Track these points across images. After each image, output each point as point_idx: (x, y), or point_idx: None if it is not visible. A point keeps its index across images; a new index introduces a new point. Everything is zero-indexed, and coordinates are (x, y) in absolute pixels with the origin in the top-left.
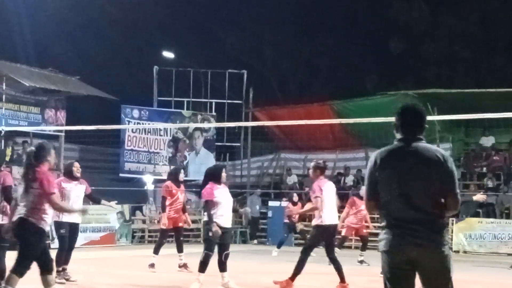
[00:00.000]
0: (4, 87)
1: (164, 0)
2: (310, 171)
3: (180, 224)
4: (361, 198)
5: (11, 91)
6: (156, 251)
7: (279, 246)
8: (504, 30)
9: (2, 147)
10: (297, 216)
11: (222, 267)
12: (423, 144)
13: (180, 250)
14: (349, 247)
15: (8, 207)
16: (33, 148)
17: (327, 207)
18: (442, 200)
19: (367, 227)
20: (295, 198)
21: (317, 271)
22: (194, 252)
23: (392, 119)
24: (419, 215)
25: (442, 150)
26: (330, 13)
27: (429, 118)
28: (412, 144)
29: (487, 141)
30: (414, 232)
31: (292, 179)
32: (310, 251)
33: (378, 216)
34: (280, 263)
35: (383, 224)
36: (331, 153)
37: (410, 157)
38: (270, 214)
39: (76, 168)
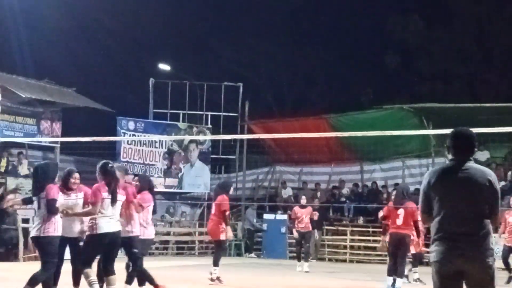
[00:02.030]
0: (0, 98)
1: (160, 12)
2: None
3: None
4: None
5: (7, 102)
6: (217, 264)
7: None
8: (498, 45)
9: None
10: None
11: None
12: (474, 165)
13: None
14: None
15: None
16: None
17: None
18: (488, 216)
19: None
20: (303, 200)
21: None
22: (189, 264)
23: (387, 132)
24: (469, 229)
25: (490, 171)
26: (326, 27)
27: (424, 132)
28: (464, 164)
29: (482, 155)
30: (464, 245)
31: (287, 192)
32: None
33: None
34: (273, 276)
35: (435, 236)
36: (326, 166)
37: (462, 177)
38: (265, 227)
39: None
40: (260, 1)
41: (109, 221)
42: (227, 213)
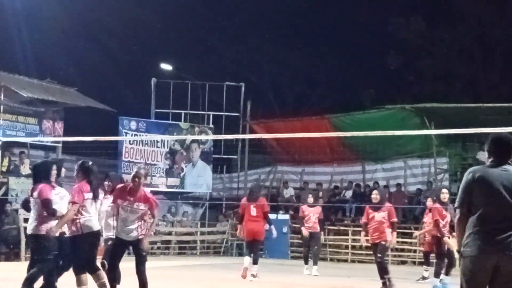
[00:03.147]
0: (2, 97)
1: (162, 12)
2: None
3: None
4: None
5: (8, 102)
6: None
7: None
8: (500, 45)
9: None
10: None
11: None
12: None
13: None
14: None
15: None
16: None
17: None
18: None
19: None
20: (310, 199)
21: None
22: (191, 264)
23: (389, 132)
24: (508, 225)
25: None
26: (328, 27)
27: (426, 132)
28: (504, 167)
29: (484, 155)
30: (503, 240)
31: (289, 192)
32: None
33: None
34: (276, 276)
35: (473, 230)
36: (328, 166)
37: (502, 176)
38: (266, 227)
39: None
40: (262, 1)
41: (92, 219)
42: (393, 220)
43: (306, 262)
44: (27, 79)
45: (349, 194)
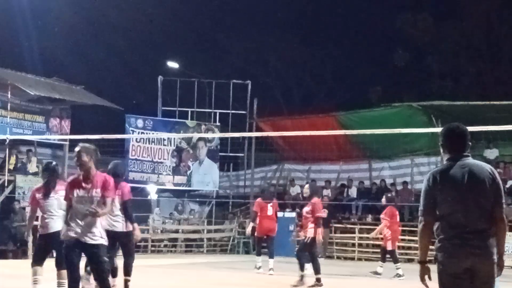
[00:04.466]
0: (9, 95)
1: (169, 10)
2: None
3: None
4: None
5: (16, 100)
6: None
7: None
8: (508, 42)
9: (7, 156)
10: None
11: None
12: (472, 161)
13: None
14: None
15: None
16: None
17: None
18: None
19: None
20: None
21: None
22: (198, 262)
23: (396, 130)
24: (476, 226)
25: (488, 165)
26: (335, 25)
27: (432, 130)
28: (463, 161)
29: (491, 153)
30: (472, 243)
31: (295, 190)
32: None
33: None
34: (283, 275)
35: (442, 236)
36: (334, 164)
37: (465, 174)
38: None
39: None
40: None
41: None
42: (318, 215)
43: None
44: (34, 77)
45: (353, 192)
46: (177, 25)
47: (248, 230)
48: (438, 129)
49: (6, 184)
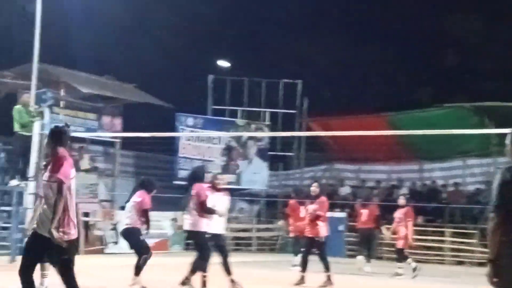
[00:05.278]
0: (62, 93)
1: (220, 9)
2: None
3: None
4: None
5: (68, 98)
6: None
7: None
8: None
9: None
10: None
11: None
12: None
13: None
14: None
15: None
16: None
17: None
18: None
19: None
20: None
21: None
22: (246, 261)
23: (447, 131)
24: None
25: None
26: (386, 25)
27: (485, 131)
28: None
29: None
30: None
31: (345, 190)
32: None
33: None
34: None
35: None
36: (384, 165)
37: None
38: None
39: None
40: None
41: None
42: (320, 213)
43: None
44: (86, 75)
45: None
46: (228, 24)
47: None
48: (490, 131)
49: None
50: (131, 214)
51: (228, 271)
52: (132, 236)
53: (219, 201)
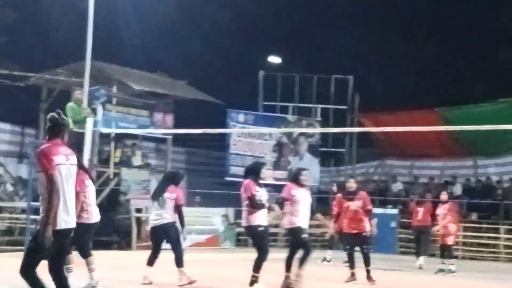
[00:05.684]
0: (114, 90)
1: (270, 5)
2: None
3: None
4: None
5: (121, 95)
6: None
7: None
8: None
9: (112, 149)
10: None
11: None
12: None
13: None
14: None
15: None
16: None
17: None
18: None
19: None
20: (444, 196)
21: None
22: (298, 257)
23: (502, 126)
24: None
25: None
26: (438, 19)
27: None
28: None
29: None
30: None
31: (397, 186)
32: None
33: None
34: (387, 272)
35: None
36: (438, 161)
37: None
38: (375, 221)
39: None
40: None
41: None
42: (369, 208)
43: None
44: (138, 72)
45: (457, 189)
46: (279, 20)
47: (331, 226)
48: None
49: (111, 177)
50: (168, 209)
51: (300, 266)
52: (173, 231)
53: (303, 197)
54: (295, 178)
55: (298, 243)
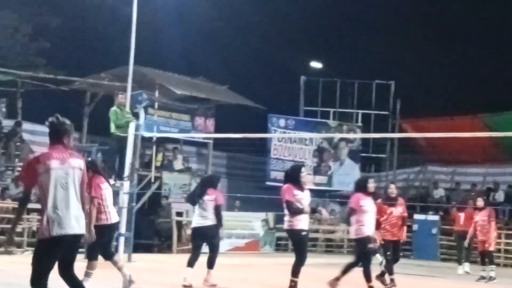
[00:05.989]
0: (157, 94)
1: (312, 10)
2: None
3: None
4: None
5: (163, 99)
6: None
7: None
8: None
9: (154, 153)
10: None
11: None
12: None
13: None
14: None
15: None
16: None
17: None
18: None
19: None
20: (480, 202)
21: None
22: (337, 263)
23: None
24: None
25: None
26: (480, 24)
27: None
28: None
29: None
30: None
31: (438, 193)
32: None
33: None
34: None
35: None
36: (480, 167)
37: None
38: (415, 227)
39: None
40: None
41: None
42: (405, 214)
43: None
44: (180, 77)
45: (500, 196)
46: (319, 25)
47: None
48: None
49: (153, 181)
50: (209, 212)
51: (366, 278)
52: (214, 234)
53: (370, 207)
54: (363, 186)
55: (365, 253)
